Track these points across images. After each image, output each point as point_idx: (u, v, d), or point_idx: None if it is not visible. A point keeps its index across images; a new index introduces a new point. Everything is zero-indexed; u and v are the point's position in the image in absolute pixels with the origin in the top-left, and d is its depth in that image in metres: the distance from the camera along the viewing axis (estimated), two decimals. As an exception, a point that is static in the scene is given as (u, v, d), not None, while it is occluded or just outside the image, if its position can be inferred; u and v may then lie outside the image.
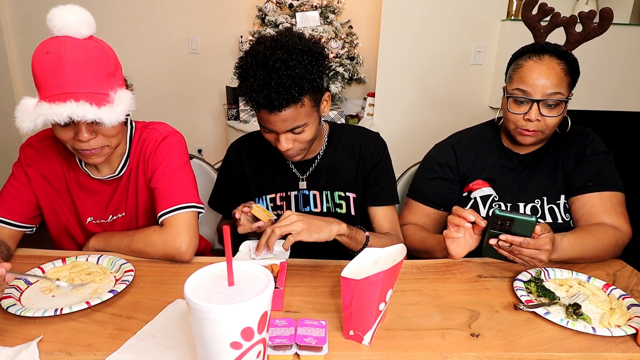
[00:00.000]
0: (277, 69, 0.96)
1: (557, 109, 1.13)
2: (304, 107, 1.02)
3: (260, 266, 0.67)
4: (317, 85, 1.03)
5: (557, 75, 1.11)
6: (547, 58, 1.13)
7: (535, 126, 1.14)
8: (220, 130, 3.51)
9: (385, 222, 1.26)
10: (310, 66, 0.99)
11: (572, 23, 1.19)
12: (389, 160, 1.28)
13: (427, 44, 2.75)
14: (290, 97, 0.97)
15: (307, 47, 1.01)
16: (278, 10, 2.83)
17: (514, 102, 1.16)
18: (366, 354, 0.77)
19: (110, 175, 1.12)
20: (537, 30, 1.23)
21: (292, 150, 1.09)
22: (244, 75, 1.01)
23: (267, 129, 1.06)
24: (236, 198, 1.27)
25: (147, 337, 0.78)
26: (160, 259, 1.06)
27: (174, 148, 1.14)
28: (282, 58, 0.97)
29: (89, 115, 0.88)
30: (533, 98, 1.12)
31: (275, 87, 0.95)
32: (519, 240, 0.95)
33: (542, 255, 0.96)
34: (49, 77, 0.88)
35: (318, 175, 1.24)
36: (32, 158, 1.11)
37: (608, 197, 1.16)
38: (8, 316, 0.82)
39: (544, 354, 0.78)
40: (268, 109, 0.99)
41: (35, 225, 1.15)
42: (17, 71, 3.17)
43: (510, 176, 1.26)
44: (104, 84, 0.92)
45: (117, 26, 3.16)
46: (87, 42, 0.92)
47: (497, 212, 0.96)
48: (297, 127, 1.04)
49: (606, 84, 2.65)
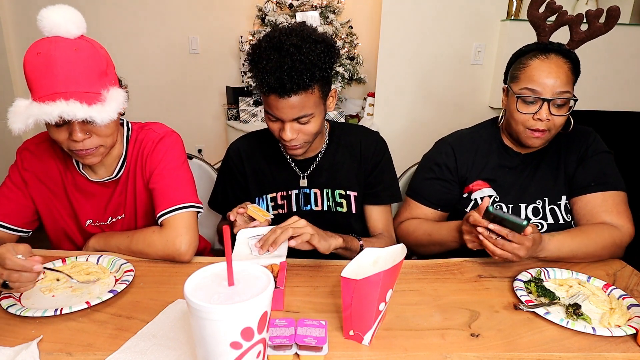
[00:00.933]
0: (290, 53, 0.98)
1: (565, 108, 1.13)
2: (313, 95, 1.03)
3: (260, 266, 0.67)
4: (327, 76, 1.05)
5: (565, 74, 1.11)
6: (553, 57, 1.13)
7: (545, 125, 1.13)
8: (220, 130, 3.51)
9: (380, 222, 1.27)
10: (322, 55, 1.01)
11: (579, 22, 1.19)
12: (390, 159, 1.28)
13: (427, 44, 2.75)
14: (301, 82, 0.98)
15: (320, 37, 1.03)
16: (278, 10, 2.83)
17: (522, 102, 1.15)
18: (366, 354, 0.77)
19: (108, 178, 1.12)
20: (541, 29, 1.23)
21: (296, 142, 1.09)
22: (257, 59, 1.02)
23: (274, 116, 1.06)
24: (236, 198, 1.27)
25: (148, 337, 0.78)
26: (160, 259, 1.06)
27: (172, 148, 1.14)
28: (296, 44, 0.99)
29: (80, 114, 0.87)
30: (543, 97, 1.11)
31: (287, 70, 0.97)
32: (505, 232, 0.95)
33: (520, 251, 0.96)
34: (40, 78, 0.88)
35: (319, 174, 1.24)
36: (29, 162, 1.11)
37: (610, 197, 1.16)
38: (8, 316, 0.82)
39: (544, 354, 0.78)
40: (278, 93, 0.99)
41: (31, 230, 1.15)
42: (17, 71, 3.17)
43: (511, 176, 1.25)
44: (95, 83, 0.92)
45: (117, 26, 3.16)
46: (77, 42, 0.91)
47: (490, 210, 0.96)
48: (304, 117, 1.04)
49: (607, 84, 2.65)
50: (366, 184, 1.26)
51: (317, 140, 1.21)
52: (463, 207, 1.28)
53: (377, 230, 1.26)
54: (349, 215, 1.24)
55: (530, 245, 0.97)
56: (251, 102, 2.96)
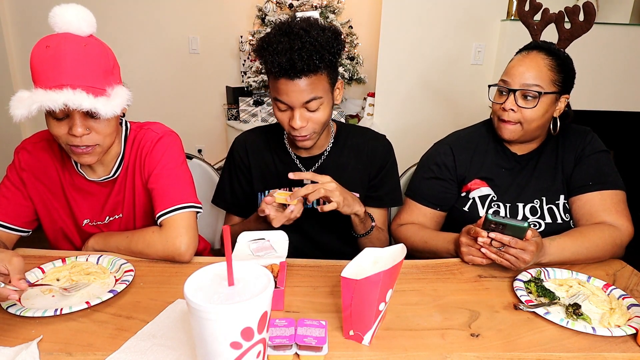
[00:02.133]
0: (300, 35, 1.02)
1: (534, 101, 1.15)
2: (322, 78, 1.05)
3: (260, 266, 0.67)
4: (334, 62, 1.08)
5: (539, 69, 1.14)
6: (534, 53, 1.17)
7: (511, 117, 1.17)
8: (220, 130, 3.52)
9: (379, 223, 1.28)
10: (330, 40, 1.05)
11: (561, 19, 1.21)
12: (395, 163, 1.29)
13: (427, 44, 2.75)
14: (311, 63, 1.01)
15: (327, 26, 1.08)
16: (278, 10, 2.83)
17: (497, 93, 1.21)
18: (366, 354, 0.77)
19: (105, 177, 1.12)
20: (531, 27, 1.26)
21: (305, 131, 1.09)
22: (266, 45, 1.04)
23: (283, 103, 1.06)
24: (242, 191, 1.28)
25: (147, 337, 0.78)
26: (160, 259, 1.06)
27: (170, 148, 1.14)
28: (305, 28, 1.03)
29: (85, 104, 0.87)
30: (510, 87, 1.16)
31: (298, 51, 1.00)
32: (507, 239, 0.97)
33: (525, 255, 0.97)
34: (47, 70, 0.88)
35: (323, 172, 1.23)
36: (27, 161, 1.10)
37: (608, 196, 1.16)
38: (8, 316, 0.82)
39: (544, 354, 0.78)
40: (289, 75, 1.01)
41: (31, 230, 1.15)
42: (17, 71, 3.17)
43: (508, 176, 1.26)
44: (101, 79, 0.93)
45: (117, 26, 3.16)
46: (87, 39, 0.93)
47: (490, 217, 0.97)
48: (313, 100, 1.05)
49: (606, 84, 2.65)
50: (370, 186, 1.26)
51: (323, 137, 1.21)
52: (461, 206, 1.28)
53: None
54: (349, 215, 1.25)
55: (534, 249, 0.97)
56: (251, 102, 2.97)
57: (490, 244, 1.00)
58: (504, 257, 0.99)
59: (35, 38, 0.91)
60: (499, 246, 0.99)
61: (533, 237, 0.98)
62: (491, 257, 1.01)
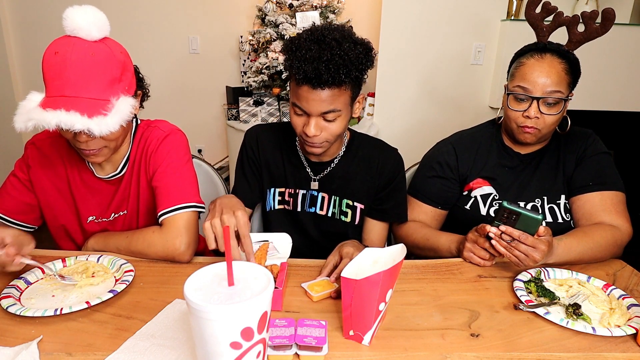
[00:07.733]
0: (331, 46, 0.98)
1: (556, 107, 1.14)
2: (344, 93, 1.03)
3: (260, 266, 0.67)
4: (360, 78, 1.05)
5: (558, 74, 1.12)
6: (548, 57, 1.14)
7: (534, 123, 1.15)
8: (220, 130, 3.52)
9: (377, 238, 1.27)
10: (360, 56, 1.01)
11: (575, 23, 1.19)
12: (404, 177, 1.28)
13: (427, 44, 2.75)
14: (337, 76, 0.98)
15: (360, 40, 1.04)
16: (278, 10, 2.83)
17: (514, 99, 1.17)
18: (366, 354, 0.77)
19: (113, 174, 1.13)
20: (539, 29, 1.24)
21: (318, 139, 1.08)
22: (295, 48, 1.01)
23: (301, 109, 1.05)
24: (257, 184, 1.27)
25: (147, 337, 0.78)
26: (160, 259, 1.06)
27: (176, 146, 1.14)
28: (338, 39, 1.00)
29: (77, 126, 0.87)
30: (533, 95, 1.13)
31: (326, 62, 0.97)
32: (517, 234, 0.95)
33: (536, 254, 0.96)
34: (54, 78, 0.89)
35: (331, 179, 1.23)
36: (34, 157, 1.12)
37: (608, 197, 1.16)
38: (8, 316, 0.82)
39: (544, 354, 0.78)
40: (312, 84, 0.99)
41: (35, 226, 1.15)
42: (17, 71, 3.17)
43: (511, 175, 1.26)
44: (106, 90, 0.92)
45: (117, 26, 3.13)
46: (95, 46, 0.92)
47: (505, 205, 0.96)
48: (332, 112, 1.03)
49: (607, 84, 2.65)
50: (376, 198, 1.25)
51: (335, 145, 1.20)
52: (462, 205, 1.28)
53: (373, 244, 1.26)
54: (350, 225, 1.25)
55: (545, 248, 0.96)
56: (251, 102, 2.96)
57: (500, 238, 0.98)
58: (513, 252, 0.98)
59: (35, 38, 0.92)
60: (509, 239, 0.97)
61: (545, 235, 0.96)
62: (500, 251, 0.99)
